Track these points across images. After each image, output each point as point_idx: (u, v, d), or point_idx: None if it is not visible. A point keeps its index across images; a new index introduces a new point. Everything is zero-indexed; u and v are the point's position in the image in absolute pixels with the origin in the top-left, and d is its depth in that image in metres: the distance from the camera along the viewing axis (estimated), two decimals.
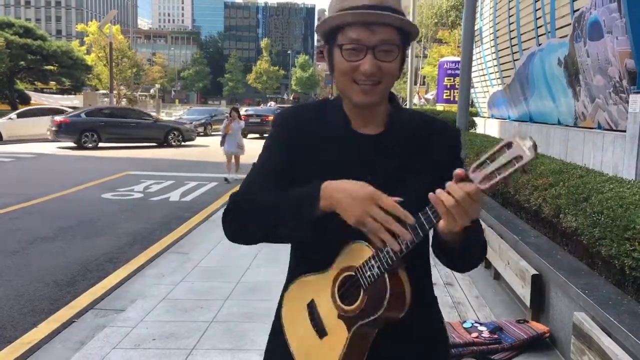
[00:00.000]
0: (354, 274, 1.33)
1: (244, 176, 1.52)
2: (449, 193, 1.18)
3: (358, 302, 1.31)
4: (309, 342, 1.42)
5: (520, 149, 1.13)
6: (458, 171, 1.20)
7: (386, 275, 1.27)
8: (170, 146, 22.70)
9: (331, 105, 1.50)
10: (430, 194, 1.20)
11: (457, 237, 1.27)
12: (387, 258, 1.25)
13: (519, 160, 1.13)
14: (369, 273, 1.29)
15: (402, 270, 1.29)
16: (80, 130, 21.00)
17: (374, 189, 1.25)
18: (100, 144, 21.39)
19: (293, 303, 1.47)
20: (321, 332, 1.39)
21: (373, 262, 1.27)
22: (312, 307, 1.42)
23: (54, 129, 20.90)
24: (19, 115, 24.45)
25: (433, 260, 1.49)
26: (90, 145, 21.06)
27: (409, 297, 1.30)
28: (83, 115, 21.95)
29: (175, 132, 23.45)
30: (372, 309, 1.29)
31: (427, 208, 1.23)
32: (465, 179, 1.18)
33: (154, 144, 22.70)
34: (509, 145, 1.14)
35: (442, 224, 1.25)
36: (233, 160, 13.00)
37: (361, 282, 1.30)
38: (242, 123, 13.36)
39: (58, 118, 21.37)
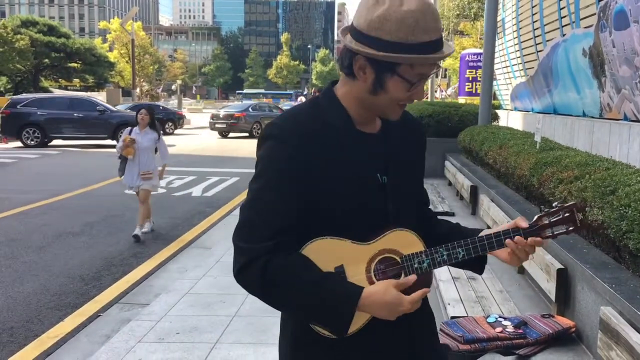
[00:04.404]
0: (397, 258, 1.42)
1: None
2: (516, 243, 1.44)
3: None
4: None
5: (575, 219, 1.45)
6: (523, 224, 1.45)
7: (433, 271, 1.47)
8: None
9: (326, 106, 1.44)
10: (508, 240, 1.44)
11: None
12: (440, 261, 1.43)
13: (570, 225, 1.45)
14: (417, 265, 1.42)
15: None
16: (252, 123, 25.02)
17: (399, 295, 1.35)
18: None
19: (318, 256, 1.40)
20: None
21: (424, 256, 1.42)
22: (340, 273, 1.41)
23: (232, 122, 24.45)
24: None
25: None
26: (256, 135, 24.37)
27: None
28: (251, 110, 26.03)
29: None
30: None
31: (492, 235, 1.45)
32: (529, 229, 1.45)
33: None
34: (565, 209, 1.45)
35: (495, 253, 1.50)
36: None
37: (405, 268, 1.42)
38: (156, 135, 7.25)
39: (236, 113, 25.13)
